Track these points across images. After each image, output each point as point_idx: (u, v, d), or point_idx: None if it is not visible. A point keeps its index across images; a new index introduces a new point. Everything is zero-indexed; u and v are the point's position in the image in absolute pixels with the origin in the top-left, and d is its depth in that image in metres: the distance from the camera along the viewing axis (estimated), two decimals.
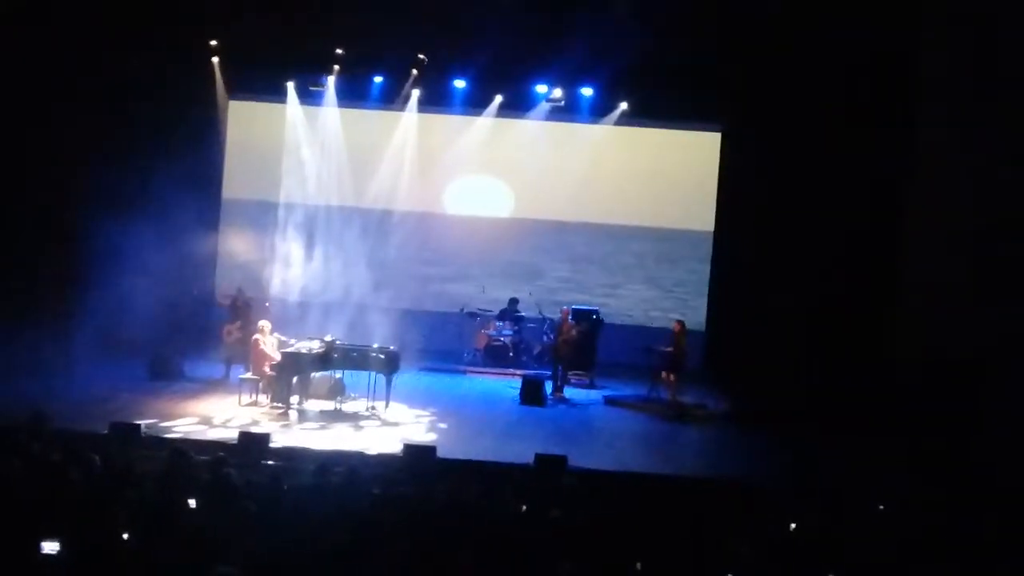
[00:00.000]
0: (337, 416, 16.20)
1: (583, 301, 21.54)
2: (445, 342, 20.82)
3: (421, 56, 19.90)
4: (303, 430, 15.24)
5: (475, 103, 21.26)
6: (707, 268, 21.64)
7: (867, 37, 17.07)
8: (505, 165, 22.40)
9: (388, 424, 16.00)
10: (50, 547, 7.82)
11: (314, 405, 16.53)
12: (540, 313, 20.83)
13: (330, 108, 21.46)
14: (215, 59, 20.29)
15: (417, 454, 13.40)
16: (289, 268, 19.93)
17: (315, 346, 16.59)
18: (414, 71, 20.44)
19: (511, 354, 20.80)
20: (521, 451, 13.90)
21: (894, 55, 17.02)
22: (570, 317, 19.25)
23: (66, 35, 17.54)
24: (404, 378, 17.56)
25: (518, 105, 21.28)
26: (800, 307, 18.11)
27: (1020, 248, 14.53)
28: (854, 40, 17.17)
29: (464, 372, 20.36)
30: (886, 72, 17.22)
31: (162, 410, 15.44)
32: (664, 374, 18.16)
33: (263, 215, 21.20)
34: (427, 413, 16.76)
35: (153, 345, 17.86)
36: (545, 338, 20.39)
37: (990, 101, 15.20)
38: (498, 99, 21.20)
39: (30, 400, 13.04)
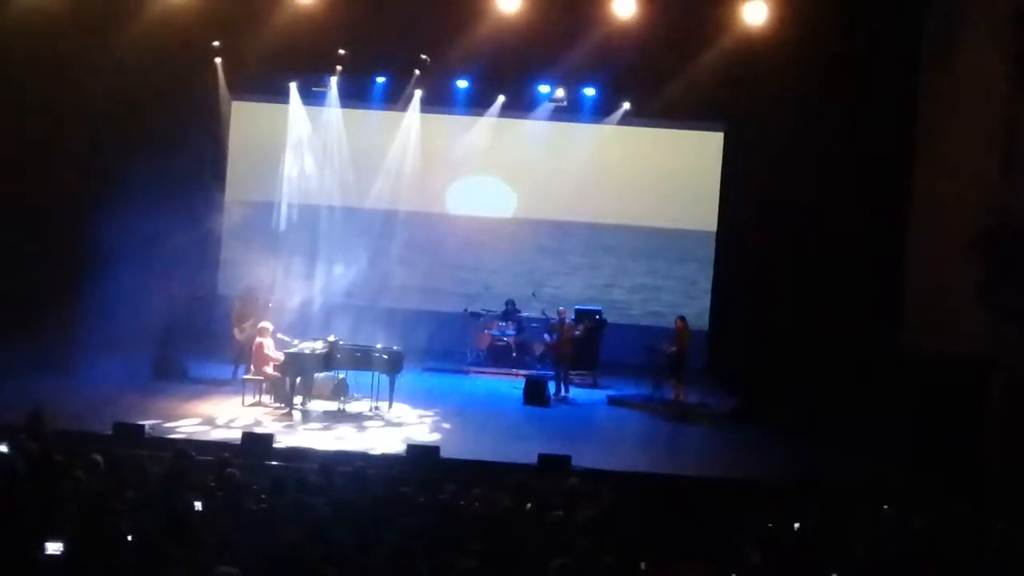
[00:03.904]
0: (340, 416, 16.19)
1: (586, 301, 21.52)
2: (448, 342, 20.81)
3: (424, 56, 19.90)
4: (306, 430, 15.22)
5: (478, 103, 21.30)
6: (710, 268, 21.66)
7: (869, 37, 17.04)
8: (508, 165, 22.40)
9: (391, 424, 15.99)
10: (54, 547, 7.83)
11: (318, 405, 16.54)
12: (543, 313, 20.83)
13: (333, 108, 21.50)
14: (218, 60, 20.31)
15: (421, 454, 13.41)
16: (291, 268, 19.92)
17: (318, 346, 16.60)
18: (416, 71, 20.45)
19: (514, 354, 20.82)
20: (524, 451, 13.88)
21: (896, 54, 17.00)
22: (568, 317, 19.28)
23: (66, 36, 17.52)
24: (407, 378, 17.56)
25: (521, 105, 21.31)
26: (803, 306, 18.10)
27: (1021, 247, 14.50)
28: (856, 39, 17.15)
29: (467, 372, 20.36)
30: (888, 71, 17.19)
31: (166, 410, 15.43)
32: (671, 378, 18.19)
33: (265, 216, 21.21)
34: (430, 413, 16.74)
35: (157, 345, 17.86)
36: (547, 338, 20.39)
37: (991, 100, 15.17)
38: (501, 99, 21.22)
39: (33, 400, 13.00)
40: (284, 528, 8.65)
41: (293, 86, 21.21)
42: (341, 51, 19.76)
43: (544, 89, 20.77)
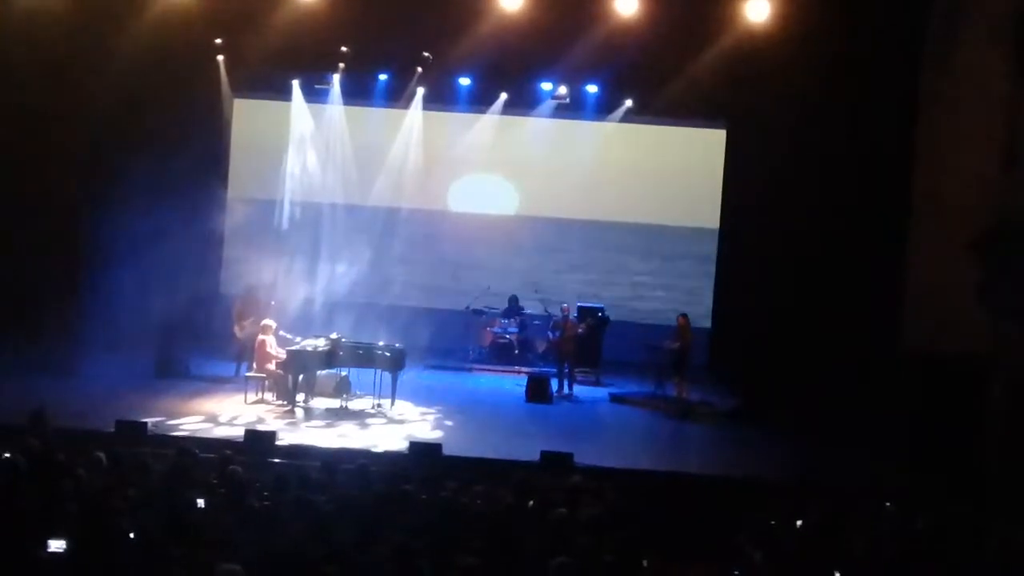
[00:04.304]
0: (343, 414, 16.22)
1: (588, 298, 21.53)
2: (450, 340, 20.82)
3: (426, 54, 19.90)
4: (309, 428, 15.25)
5: (480, 101, 21.29)
6: (712, 265, 21.64)
7: (871, 36, 17.05)
8: (510, 163, 22.39)
9: (394, 421, 16.01)
10: (56, 545, 7.86)
11: (320, 403, 16.57)
12: (545, 311, 20.84)
13: (335, 106, 21.49)
14: (220, 57, 20.31)
15: (423, 451, 13.43)
16: (294, 266, 19.93)
17: (321, 344, 16.62)
18: (419, 69, 20.45)
19: (516, 351, 20.83)
20: (527, 448, 13.91)
21: (897, 53, 17.01)
22: (571, 314, 19.29)
23: (66, 35, 17.54)
24: (409, 376, 17.58)
25: (523, 103, 21.31)
26: (805, 304, 18.10)
27: (1021, 247, 14.51)
28: (857, 38, 17.16)
29: (470, 369, 20.37)
30: (889, 71, 17.20)
31: (168, 408, 15.46)
32: (673, 376, 18.20)
33: (268, 213, 21.22)
34: (433, 410, 16.77)
35: (159, 343, 17.88)
36: (550, 335, 20.40)
37: (991, 100, 15.18)
38: (503, 97, 21.21)
39: (35, 398, 13.05)
40: (287, 525, 8.68)
41: (295, 83, 21.21)
42: (343, 48, 19.76)
43: (546, 87, 20.76)
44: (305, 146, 21.66)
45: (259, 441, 13.35)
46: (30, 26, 17.15)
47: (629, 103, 21.02)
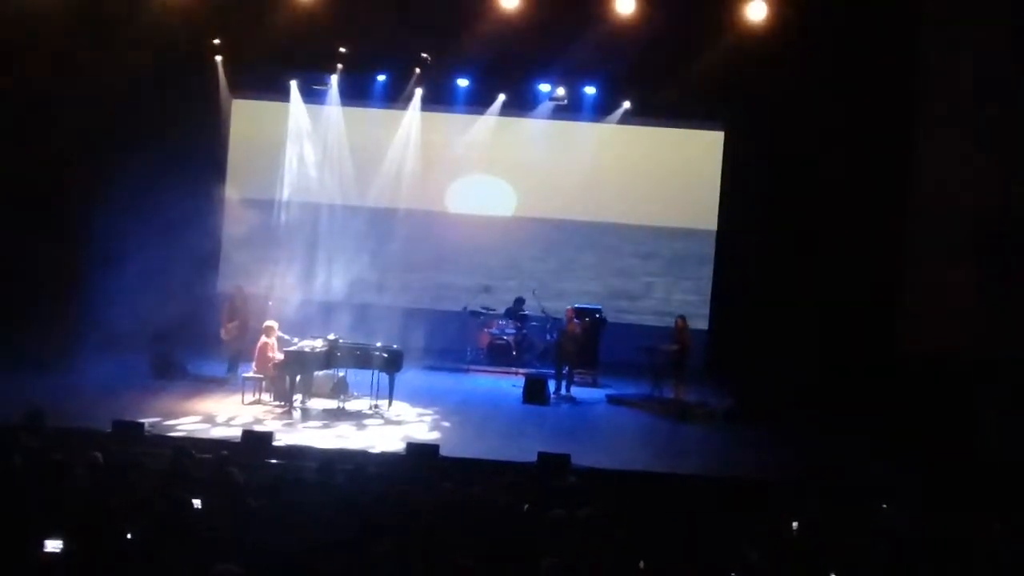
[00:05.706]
0: (340, 415, 16.20)
1: (585, 299, 21.50)
2: (448, 341, 20.80)
3: (424, 55, 19.89)
4: (306, 429, 15.24)
5: (478, 102, 21.29)
6: (710, 266, 21.63)
7: (869, 36, 17.04)
8: (508, 164, 22.39)
9: (391, 423, 15.99)
10: (53, 545, 7.83)
11: (317, 404, 16.55)
12: (543, 312, 20.82)
13: (333, 107, 21.51)
14: (218, 58, 20.30)
15: (420, 453, 13.40)
16: (292, 266, 19.91)
17: (318, 345, 16.60)
18: (417, 69, 20.45)
19: (514, 353, 20.80)
20: (524, 450, 13.90)
21: (895, 54, 17.00)
22: (573, 317, 19.27)
23: (69, 32, 17.53)
24: (407, 376, 17.55)
25: (521, 104, 21.32)
26: (803, 305, 18.09)
27: (1022, 246, 14.52)
28: (856, 39, 17.15)
29: (467, 371, 20.35)
30: (888, 70, 17.19)
31: (165, 408, 15.45)
32: (671, 377, 18.18)
33: (266, 214, 21.21)
34: (430, 412, 16.75)
35: (156, 343, 17.86)
36: (548, 337, 20.39)
37: (991, 100, 15.18)
38: (501, 98, 21.22)
39: (32, 398, 13.03)
40: (283, 526, 8.65)
41: (294, 84, 21.23)
42: (342, 49, 19.76)
43: (544, 88, 20.76)
44: (303, 146, 21.67)
45: (256, 442, 13.32)
46: (28, 26, 17.12)
47: (627, 104, 21.03)
